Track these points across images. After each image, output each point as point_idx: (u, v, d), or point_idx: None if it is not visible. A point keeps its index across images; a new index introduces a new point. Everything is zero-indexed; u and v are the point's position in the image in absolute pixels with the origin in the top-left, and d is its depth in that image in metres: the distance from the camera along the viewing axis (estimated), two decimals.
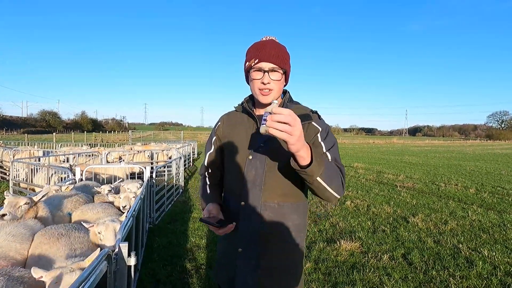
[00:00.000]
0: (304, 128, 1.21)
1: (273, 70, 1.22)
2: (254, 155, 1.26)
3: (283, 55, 1.24)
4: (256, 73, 1.24)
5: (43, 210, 2.40)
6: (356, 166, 13.23)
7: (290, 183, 1.25)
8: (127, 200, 3.19)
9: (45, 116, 62.92)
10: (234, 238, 1.29)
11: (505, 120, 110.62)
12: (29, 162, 6.30)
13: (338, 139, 18.86)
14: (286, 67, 1.25)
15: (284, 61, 1.25)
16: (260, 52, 1.23)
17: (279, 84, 1.26)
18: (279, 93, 1.29)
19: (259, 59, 1.22)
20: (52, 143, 15.88)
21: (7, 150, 9.19)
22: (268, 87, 1.24)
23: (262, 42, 1.27)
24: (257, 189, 1.24)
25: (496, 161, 18.14)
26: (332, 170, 1.12)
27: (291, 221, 1.27)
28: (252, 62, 1.23)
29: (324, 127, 1.26)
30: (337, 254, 3.74)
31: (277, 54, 1.22)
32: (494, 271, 3.37)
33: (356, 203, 6.30)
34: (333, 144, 1.24)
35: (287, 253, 1.27)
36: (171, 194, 6.40)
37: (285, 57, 1.26)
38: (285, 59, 1.25)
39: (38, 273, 1.42)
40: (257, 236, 1.25)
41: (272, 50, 1.22)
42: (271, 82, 1.23)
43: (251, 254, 1.26)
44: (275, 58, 1.22)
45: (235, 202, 1.30)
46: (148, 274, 3.18)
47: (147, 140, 27.77)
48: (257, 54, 1.23)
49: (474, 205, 6.41)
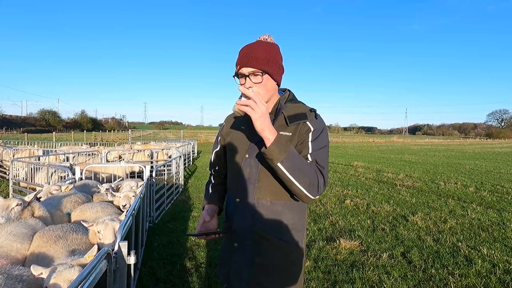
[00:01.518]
0: (298, 127, 1.25)
1: (253, 73, 1.23)
2: (250, 154, 1.29)
3: (263, 57, 1.23)
4: (241, 79, 1.28)
5: (39, 210, 2.39)
6: (356, 165, 13.25)
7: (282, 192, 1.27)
8: (127, 199, 3.20)
9: (45, 115, 62.88)
10: (231, 233, 1.36)
11: (505, 118, 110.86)
12: (29, 162, 6.29)
13: (338, 138, 18.99)
14: (266, 68, 1.23)
15: (264, 63, 1.23)
16: (241, 58, 1.25)
17: (262, 86, 1.25)
18: (267, 94, 1.28)
19: (240, 65, 1.25)
20: (52, 142, 15.88)
21: (6, 149, 9.18)
22: None
23: (246, 46, 1.28)
24: (251, 187, 1.28)
25: (496, 159, 18.15)
26: (302, 165, 1.14)
27: (286, 220, 1.28)
28: (237, 69, 1.27)
29: (318, 127, 1.27)
30: (337, 253, 3.75)
31: (256, 57, 1.22)
32: (493, 270, 3.38)
33: (355, 202, 6.31)
34: (322, 147, 1.24)
35: (282, 251, 1.28)
36: (171, 193, 6.40)
37: (268, 58, 1.24)
38: (267, 60, 1.23)
39: (38, 270, 1.43)
40: (250, 232, 1.29)
41: (252, 54, 1.22)
42: (253, 85, 1.24)
43: (245, 249, 1.31)
44: (253, 62, 1.22)
45: (232, 198, 1.37)
46: (148, 272, 3.18)
47: (147, 139, 27.74)
48: (239, 60, 1.25)
49: (473, 203, 6.42)
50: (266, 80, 1.25)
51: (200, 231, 1.36)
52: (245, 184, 1.30)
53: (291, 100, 1.36)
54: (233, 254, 1.34)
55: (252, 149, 1.30)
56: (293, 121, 1.26)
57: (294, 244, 1.30)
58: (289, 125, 1.26)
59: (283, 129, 1.26)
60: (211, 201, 1.48)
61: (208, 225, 1.39)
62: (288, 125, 1.26)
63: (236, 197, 1.34)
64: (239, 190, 1.32)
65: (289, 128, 1.26)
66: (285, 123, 1.27)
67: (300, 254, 1.32)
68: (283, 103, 1.33)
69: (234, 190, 1.36)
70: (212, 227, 1.39)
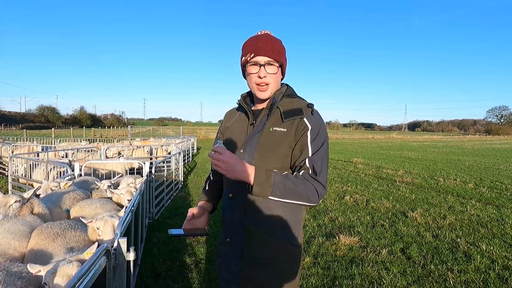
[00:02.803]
0: (295, 123, 1.24)
1: (269, 63, 1.24)
2: (244, 149, 1.29)
3: (278, 48, 1.26)
4: (252, 67, 1.26)
5: (39, 207, 2.38)
6: (356, 161, 13.26)
7: None
8: (130, 194, 3.19)
9: (44, 111, 62.58)
10: (225, 228, 1.38)
11: (504, 115, 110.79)
12: (28, 158, 6.28)
13: (338, 135, 18.99)
14: (282, 60, 1.27)
15: (279, 54, 1.26)
16: (255, 46, 1.24)
17: (275, 77, 1.27)
18: (276, 86, 1.30)
19: (254, 53, 1.23)
20: (51, 139, 15.85)
21: (5, 145, 9.16)
22: (265, 81, 1.26)
23: (257, 36, 1.28)
24: (243, 183, 1.25)
25: (495, 156, 18.18)
26: (294, 185, 1.15)
27: (278, 216, 1.27)
28: (248, 56, 1.25)
29: (316, 125, 1.25)
30: (336, 249, 3.76)
31: (272, 47, 1.24)
32: (492, 265, 3.39)
33: (355, 198, 6.32)
34: (321, 145, 1.23)
35: (272, 246, 1.26)
36: (171, 189, 6.40)
37: (281, 50, 1.27)
38: (280, 52, 1.27)
39: (35, 268, 1.42)
40: (241, 227, 1.29)
41: (268, 44, 1.24)
42: (267, 75, 1.25)
43: (236, 243, 1.31)
44: (270, 52, 1.23)
45: (226, 193, 1.37)
46: (147, 268, 3.19)
47: (146, 136, 27.72)
48: (253, 48, 1.24)
49: (472, 199, 6.44)
50: (279, 73, 1.28)
51: (185, 228, 1.33)
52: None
53: (288, 95, 1.33)
54: (225, 246, 1.36)
55: (246, 144, 1.30)
56: (288, 117, 1.25)
57: (285, 240, 1.27)
58: (284, 121, 1.25)
59: (278, 125, 1.26)
60: (204, 198, 1.47)
61: (195, 222, 1.37)
62: (283, 121, 1.25)
63: (229, 192, 1.34)
64: (232, 185, 1.32)
65: (284, 124, 1.25)
66: (280, 119, 1.26)
67: (294, 251, 1.30)
68: (278, 98, 1.31)
69: (228, 185, 1.36)
70: (200, 224, 1.37)
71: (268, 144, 1.25)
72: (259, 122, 1.31)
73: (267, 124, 1.27)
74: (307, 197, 1.16)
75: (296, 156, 1.23)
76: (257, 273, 1.27)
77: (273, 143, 1.24)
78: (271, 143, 1.24)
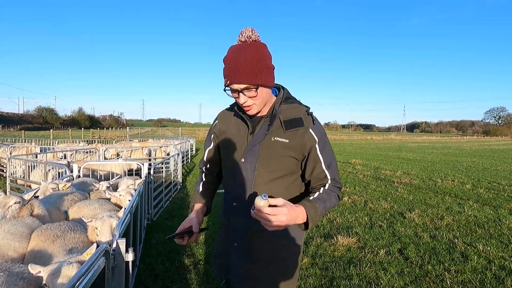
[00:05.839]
0: (298, 134, 1.24)
1: (246, 89, 1.19)
2: (246, 158, 1.29)
3: (254, 69, 1.16)
4: (232, 92, 1.23)
5: (38, 208, 2.39)
6: (354, 162, 13.28)
7: (281, 187, 1.29)
8: (129, 195, 3.20)
9: (42, 112, 62.43)
10: (229, 232, 1.40)
11: (502, 116, 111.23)
12: (26, 159, 6.27)
13: (336, 135, 18.97)
14: (258, 81, 1.18)
15: (255, 76, 1.17)
16: (231, 72, 1.17)
17: (257, 98, 1.22)
18: (263, 102, 1.26)
19: (230, 80, 1.18)
20: (49, 140, 15.82)
21: (4, 146, 9.15)
22: (247, 104, 1.23)
23: (232, 57, 1.18)
24: (247, 190, 1.29)
25: (493, 157, 18.26)
26: (326, 203, 1.22)
27: None
28: (226, 81, 1.21)
29: (320, 135, 1.27)
30: (334, 249, 3.77)
31: (246, 71, 1.15)
32: (488, 266, 3.41)
33: (353, 199, 6.34)
34: (329, 151, 1.29)
35: (279, 247, 1.30)
36: (169, 190, 6.41)
37: (258, 68, 1.17)
38: (257, 71, 1.17)
39: (36, 269, 1.43)
40: (247, 232, 1.32)
41: (243, 68, 1.15)
42: (247, 99, 1.21)
43: (243, 248, 1.34)
44: (246, 78, 1.16)
45: (230, 200, 1.38)
46: (146, 269, 3.20)
47: (145, 137, 27.66)
48: (228, 73, 1.18)
49: (470, 200, 6.47)
50: (261, 91, 1.21)
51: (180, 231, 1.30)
52: (241, 187, 1.31)
53: (286, 100, 1.32)
54: (230, 249, 1.38)
55: (247, 153, 1.28)
56: (290, 127, 1.25)
57: (290, 241, 1.31)
58: (286, 132, 1.24)
59: (280, 135, 1.25)
60: (201, 201, 1.44)
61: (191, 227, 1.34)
62: (285, 131, 1.24)
63: (232, 199, 1.35)
64: (235, 192, 1.34)
65: (286, 135, 1.24)
66: (281, 128, 1.25)
67: (294, 251, 1.34)
68: (278, 107, 1.29)
69: (230, 191, 1.37)
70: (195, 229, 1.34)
71: (270, 154, 1.25)
72: (259, 131, 1.29)
73: (268, 134, 1.26)
74: (333, 206, 1.27)
75: (311, 167, 1.28)
76: (262, 273, 1.30)
77: (275, 153, 1.25)
78: (273, 153, 1.25)
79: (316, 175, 1.27)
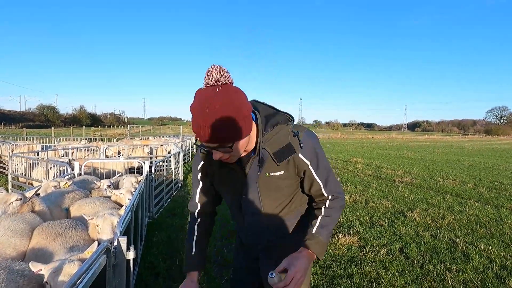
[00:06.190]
0: (291, 162, 1.21)
1: (219, 147, 1.08)
2: (246, 195, 1.30)
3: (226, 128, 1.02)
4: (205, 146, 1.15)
5: (39, 205, 2.39)
6: (355, 161, 13.26)
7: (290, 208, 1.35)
8: (130, 193, 3.20)
9: (44, 110, 62.54)
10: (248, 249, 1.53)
11: (504, 115, 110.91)
12: (28, 157, 6.29)
13: (337, 134, 18.91)
14: (233, 139, 1.06)
15: (228, 137, 1.05)
16: (199, 129, 1.03)
17: (234, 151, 1.11)
18: (242, 149, 1.15)
19: (200, 138, 1.06)
20: (50, 138, 15.87)
21: (5, 144, 9.18)
22: (223, 159, 1.13)
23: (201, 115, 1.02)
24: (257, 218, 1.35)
25: (495, 156, 18.20)
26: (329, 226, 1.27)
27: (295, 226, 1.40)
28: (195, 137, 1.09)
29: (311, 155, 1.21)
30: (335, 248, 3.77)
31: (216, 133, 1.01)
32: (490, 265, 3.40)
33: (354, 198, 6.33)
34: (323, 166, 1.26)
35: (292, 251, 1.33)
36: (170, 188, 6.42)
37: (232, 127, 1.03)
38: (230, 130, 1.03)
39: (37, 267, 1.43)
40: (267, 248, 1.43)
41: (211, 129, 1.01)
42: (222, 155, 1.11)
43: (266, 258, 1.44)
44: (215, 139, 1.04)
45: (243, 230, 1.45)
46: (147, 267, 3.20)
47: (146, 135, 27.73)
48: (197, 131, 1.04)
49: (471, 199, 6.45)
50: (237, 144, 1.09)
51: None
52: (250, 218, 1.36)
53: (266, 125, 1.19)
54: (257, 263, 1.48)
55: (247, 190, 1.28)
56: (281, 159, 1.19)
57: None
58: (279, 164, 1.20)
59: (274, 169, 1.21)
60: (195, 267, 1.41)
61: None
62: (278, 164, 1.20)
63: (246, 229, 1.41)
64: (245, 223, 1.39)
65: (280, 167, 1.21)
66: (273, 163, 1.20)
67: None
68: (262, 142, 1.18)
69: (241, 224, 1.43)
70: None
71: (269, 186, 1.26)
72: (251, 170, 1.24)
73: (262, 172, 1.22)
74: (338, 217, 1.32)
75: (308, 185, 1.29)
76: None
77: (274, 186, 1.26)
78: (272, 186, 1.26)
79: (315, 192, 1.30)
